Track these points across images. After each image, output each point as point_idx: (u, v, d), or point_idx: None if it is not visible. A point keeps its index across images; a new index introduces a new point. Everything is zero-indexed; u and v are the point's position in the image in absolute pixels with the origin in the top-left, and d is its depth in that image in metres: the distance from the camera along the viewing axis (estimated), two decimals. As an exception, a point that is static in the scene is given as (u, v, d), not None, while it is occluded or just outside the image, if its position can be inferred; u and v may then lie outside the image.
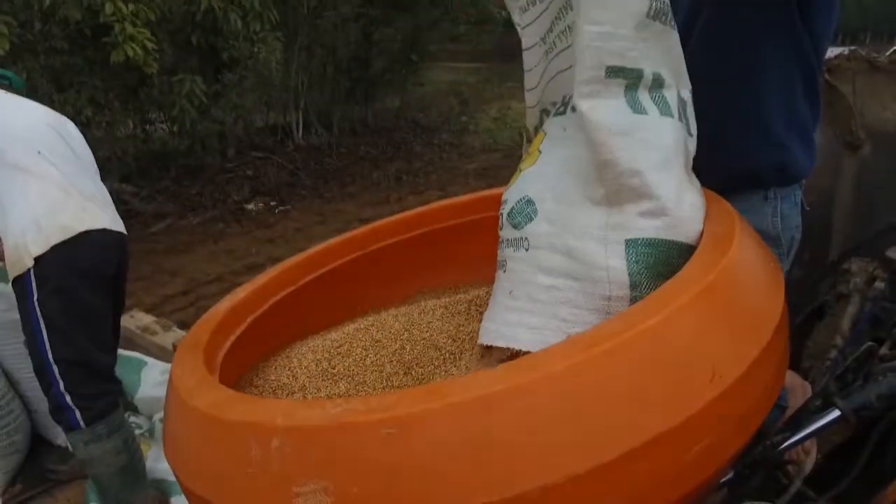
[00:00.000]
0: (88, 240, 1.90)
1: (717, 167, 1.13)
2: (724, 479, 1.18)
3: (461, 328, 1.15)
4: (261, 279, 1.36)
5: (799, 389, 1.69)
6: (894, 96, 2.06)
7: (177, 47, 7.04)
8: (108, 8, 5.51)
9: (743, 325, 0.81)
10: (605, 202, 0.93)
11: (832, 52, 2.13)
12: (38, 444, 2.45)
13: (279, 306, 1.36)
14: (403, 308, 1.30)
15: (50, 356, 1.85)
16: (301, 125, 9.31)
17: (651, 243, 0.90)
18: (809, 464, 1.61)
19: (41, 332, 1.84)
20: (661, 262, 0.90)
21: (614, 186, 0.91)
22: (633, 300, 0.89)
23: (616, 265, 0.90)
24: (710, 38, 1.24)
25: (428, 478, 0.68)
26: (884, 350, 1.61)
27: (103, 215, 1.99)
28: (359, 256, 1.52)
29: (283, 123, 9.38)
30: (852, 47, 2.17)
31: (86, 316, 1.91)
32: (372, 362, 1.15)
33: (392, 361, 1.14)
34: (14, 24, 5.15)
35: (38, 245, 1.82)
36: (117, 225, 2.05)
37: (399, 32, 9.36)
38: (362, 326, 1.25)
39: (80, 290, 1.89)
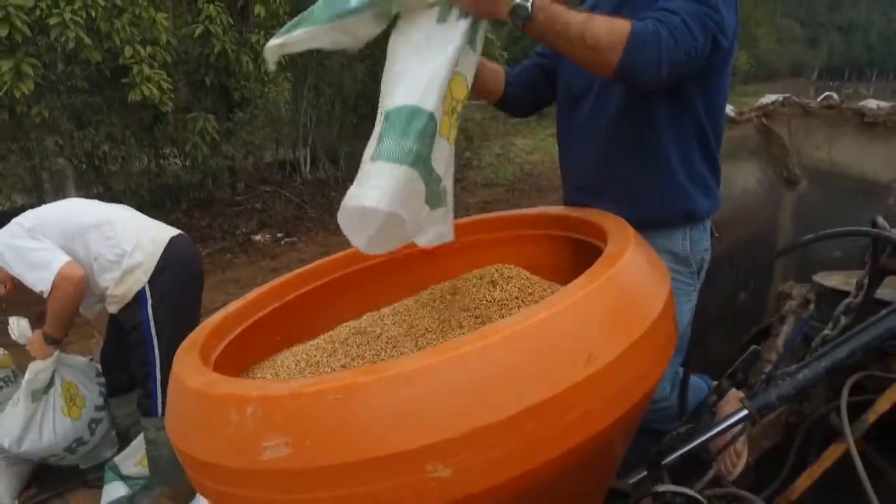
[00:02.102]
0: (176, 244, 2.41)
1: (633, 213, 1.37)
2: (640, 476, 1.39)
3: (413, 327, 1.37)
4: (251, 295, 1.59)
5: (732, 399, 1.88)
6: (827, 138, 2.29)
7: (191, 87, 7.41)
8: (128, 51, 5.88)
9: (620, 321, 1.02)
10: None
11: (769, 98, 2.38)
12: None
13: (268, 318, 1.59)
14: (365, 316, 1.53)
15: (156, 352, 2.30)
16: (308, 160, 9.64)
17: None
18: (740, 466, 1.80)
19: (151, 334, 2.30)
20: None
21: None
22: None
23: None
24: (621, 116, 1.49)
25: (363, 431, 0.90)
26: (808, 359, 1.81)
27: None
28: (340, 276, 1.74)
29: (291, 159, 9.72)
30: (787, 95, 2.42)
31: (187, 312, 2.37)
32: (341, 364, 1.37)
33: (357, 359, 1.35)
34: (39, 66, 5.51)
35: (148, 261, 2.31)
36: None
37: (404, 72, 9.68)
38: (335, 333, 1.47)
39: (183, 289, 2.40)
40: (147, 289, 2.32)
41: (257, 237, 7.30)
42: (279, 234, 7.45)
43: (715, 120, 1.50)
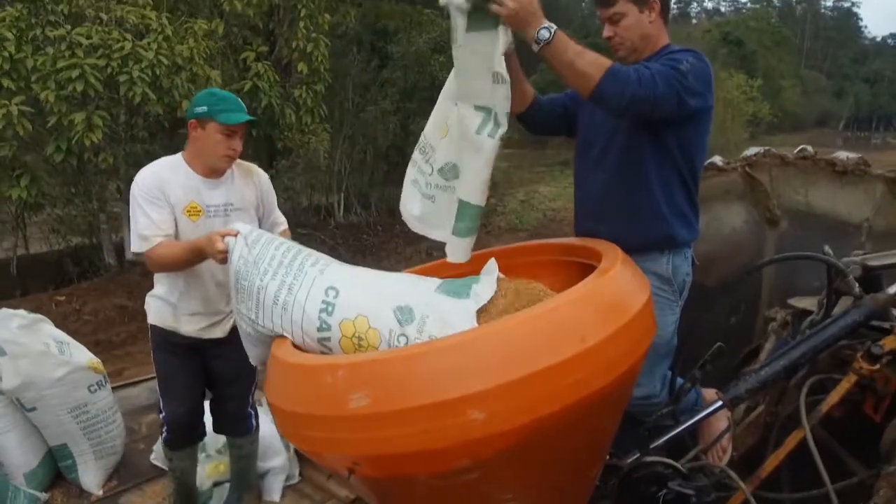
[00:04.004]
0: None
1: (627, 237, 1.77)
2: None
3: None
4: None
5: (710, 394, 2.20)
6: (803, 183, 2.67)
7: (238, 137, 8.02)
8: (185, 104, 6.49)
9: (607, 313, 1.39)
10: None
11: (752, 150, 2.77)
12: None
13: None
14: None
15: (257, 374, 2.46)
16: (342, 205, 10.20)
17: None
18: (725, 459, 2.13)
19: None
20: None
21: None
22: None
23: None
24: (619, 158, 1.90)
25: (422, 385, 1.27)
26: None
27: None
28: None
29: (325, 204, 10.29)
30: (766, 147, 2.80)
31: None
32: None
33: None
34: (108, 118, 6.13)
35: None
36: None
37: (434, 123, 10.26)
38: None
39: None
40: None
41: (294, 276, 7.75)
42: (315, 274, 7.89)
43: (693, 167, 1.90)
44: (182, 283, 2.29)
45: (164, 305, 2.33)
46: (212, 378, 2.46)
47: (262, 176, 2.48)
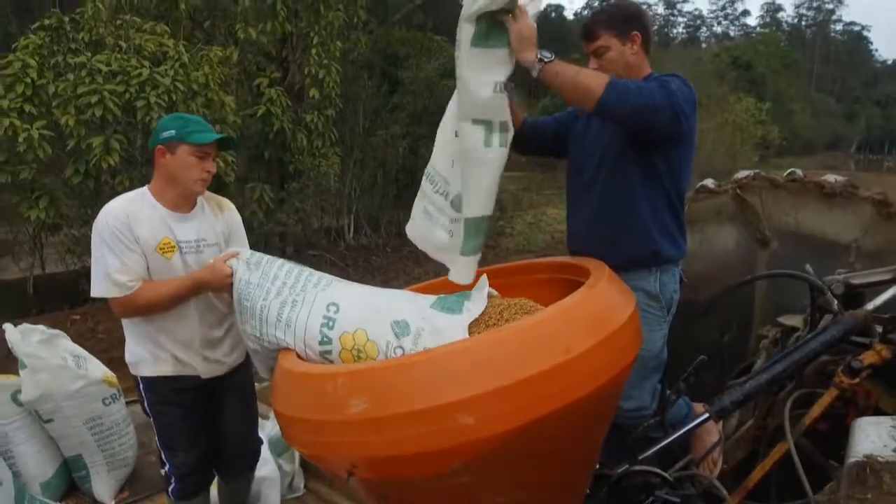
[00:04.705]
0: None
1: (616, 256, 1.87)
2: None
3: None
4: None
5: (698, 407, 2.26)
6: (793, 206, 2.76)
7: (251, 160, 8.22)
8: (201, 129, 6.67)
9: (590, 325, 1.48)
10: None
11: (742, 173, 2.87)
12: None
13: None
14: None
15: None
16: (352, 227, 10.34)
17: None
18: (716, 472, 2.19)
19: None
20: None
21: None
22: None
23: None
24: (609, 180, 2.01)
25: (415, 391, 1.37)
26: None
27: None
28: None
29: (336, 226, 10.44)
30: (756, 171, 2.90)
31: None
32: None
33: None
34: (125, 142, 6.32)
35: None
36: None
37: (443, 146, 10.42)
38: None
39: None
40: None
41: (304, 297, 7.87)
42: (324, 295, 8.00)
43: (679, 188, 2.00)
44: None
45: (156, 353, 2.16)
46: (219, 421, 2.33)
47: (234, 212, 2.31)
